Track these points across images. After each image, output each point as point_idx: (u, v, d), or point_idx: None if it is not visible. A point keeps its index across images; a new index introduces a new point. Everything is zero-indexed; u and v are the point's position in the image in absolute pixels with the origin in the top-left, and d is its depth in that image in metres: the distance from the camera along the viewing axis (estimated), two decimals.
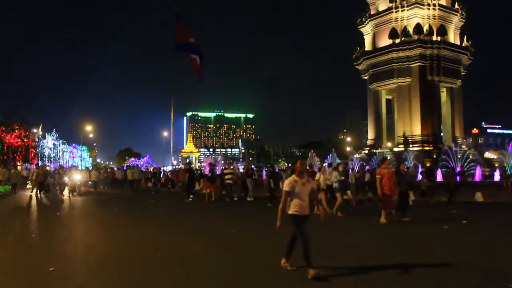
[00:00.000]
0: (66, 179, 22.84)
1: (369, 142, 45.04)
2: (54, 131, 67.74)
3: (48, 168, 43.22)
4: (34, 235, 10.10)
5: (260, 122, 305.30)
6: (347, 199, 16.45)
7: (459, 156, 33.14)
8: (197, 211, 15.61)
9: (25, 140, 54.43)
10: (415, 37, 39.21)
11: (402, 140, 40.47)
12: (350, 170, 29.17)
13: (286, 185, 6.24)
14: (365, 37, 44.72)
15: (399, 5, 40.49)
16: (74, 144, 76.04)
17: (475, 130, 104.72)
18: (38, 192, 21.48)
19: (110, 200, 20.10)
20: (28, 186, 26.77)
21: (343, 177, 14.04)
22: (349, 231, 10.53)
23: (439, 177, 27.78)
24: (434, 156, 35.91)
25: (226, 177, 19.71)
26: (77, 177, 23.72)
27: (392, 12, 40.79)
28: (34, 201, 19.13)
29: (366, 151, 43.19)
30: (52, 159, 63.59)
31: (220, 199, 19.22)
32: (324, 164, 19.07)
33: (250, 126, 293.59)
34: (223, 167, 24.60)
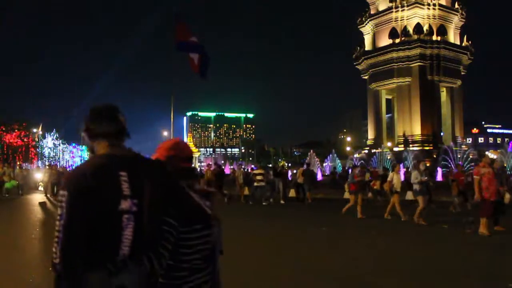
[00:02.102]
0: None
1: (369, 142, 45.10)
2: (54, 131, 67.79)
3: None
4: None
5: (260, 122, 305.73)
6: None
7: (459, 156, 33.18)
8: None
9: (25, 140, 54.45)
10: (415, 37, 39.25)
11: (402, 140, 40.52)
12: (350, 170, 29.23)
13: None
14: (365, 37, 44.75)
15: (399, 5, 40.52)
16: (74, 144, 76.02)
17: (475, 130, 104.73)
18: (51, 195, 19.10)
19: None
20: (40, 188, 24.64)
21: (426, 178, 11.61)
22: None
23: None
24: (434, 156, 35.95)
25: (257, 178, 17.33)
26: None
27: (392, 12, 40.83)
28: (48, 205, 16.77)
29: (366, 151, 43.22)
30: (52, 159, 63.61)
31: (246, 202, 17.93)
32: (398, 163, 16.71)
33: (250, 126, 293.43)
34: (252, 167, 22.94)
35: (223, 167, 28.70)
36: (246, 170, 26.55)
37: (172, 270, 1.95)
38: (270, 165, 36.95)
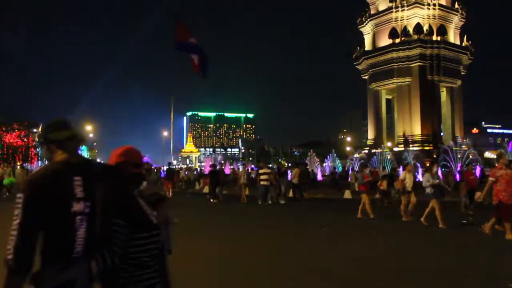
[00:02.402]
0: None
1: (369, 142, 45.07)
2: None
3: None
4: None
5: (260, 122, 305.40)
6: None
7: (459, 156, 33.17)
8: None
9: (25, 140, 54.42)
10: (415, 37, 39.22)
11: (402, 140, 40.49)
12: (350, 170, 29.26)
13: None
14: (365, 37, 44.73)
15: (399, 5, 40.49)
16: None
17: (475, 130, 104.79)
18: None
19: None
20: None
21: (438, 180, 11.15)
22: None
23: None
24: (434, 156, 35.92)
25: (262, 177, 17.10)
26: None
27: (392, 12, 40.80)
28: None
29: (366, 151, 43.19)
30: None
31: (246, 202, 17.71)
32: (410, 162, 16.00)
33: (250, 126, 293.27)
34: (252, 167, 22.48)
35: (222, 167, 28.58)
36: (246, 170, 26.48)
37: (120, 266, 2.12)
38: (269, 165, 36.86)
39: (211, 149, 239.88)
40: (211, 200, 18.54)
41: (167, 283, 2.33)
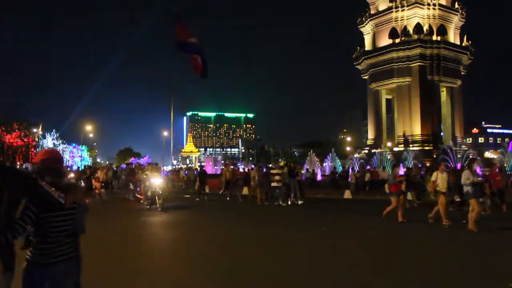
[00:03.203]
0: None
1: (369, 142, 45.08)
2: (54, 131, 67.83)
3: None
4: None
5: (260, 122, 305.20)
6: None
7: (459, 156, 33.16)
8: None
9: (25, 140, 54.41)
10: (415, 36, 39.23)
11: (402, 140, 40.50)
12: (350, 170, 29.21)
13: None
14: (365, 36, 44.75)
15: (399, 5, 40.50)
16: (74, 144, 75.99)
17: (475, 130, 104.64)
18: None
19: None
20: None
21: (480, 178, 10.46)
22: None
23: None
24: (434, 156, 35.92)
25: (275, 178, 16.59)
26: (157, 182, 15.48)
27: (392, 11, 40.80)
28: None
29: (366, 151, 43.20)
30: None
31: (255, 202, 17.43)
32: (442, 161, 15.26)
33: (250, 126, 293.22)
34: (252, 167, 21.91)
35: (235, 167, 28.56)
36: (246, 170, 26.36)
37: (40, 243, 2.67)
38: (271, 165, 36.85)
39: (211, 149, 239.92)
40: (196, 199, 19.05)
41: (79, 257, 2.82)
